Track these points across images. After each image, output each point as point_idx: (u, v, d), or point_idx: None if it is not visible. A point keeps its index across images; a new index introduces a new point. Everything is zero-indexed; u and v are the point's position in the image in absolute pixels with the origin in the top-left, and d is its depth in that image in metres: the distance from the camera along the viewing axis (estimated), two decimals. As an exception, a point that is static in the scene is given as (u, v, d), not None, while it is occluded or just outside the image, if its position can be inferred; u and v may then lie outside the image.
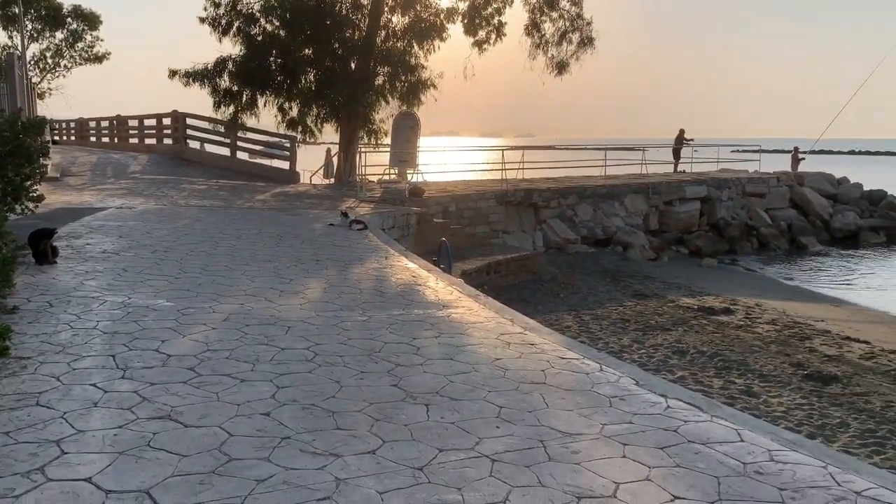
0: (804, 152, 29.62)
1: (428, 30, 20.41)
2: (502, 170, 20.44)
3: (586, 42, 21.22)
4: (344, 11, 20.32)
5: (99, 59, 41.25)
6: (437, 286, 7.41)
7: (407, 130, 21.00)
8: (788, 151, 30.54)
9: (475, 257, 14.14)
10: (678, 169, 27.99)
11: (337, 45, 20.28)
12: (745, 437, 3.74)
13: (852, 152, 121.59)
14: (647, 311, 12.62)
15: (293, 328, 5.58)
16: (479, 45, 21.22)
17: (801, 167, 28.88)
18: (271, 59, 20.28)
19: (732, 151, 36.89)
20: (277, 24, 20.25)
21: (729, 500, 3.06)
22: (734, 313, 12.90)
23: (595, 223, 20.21)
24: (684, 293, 14.64)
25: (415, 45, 20.66)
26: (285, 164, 22.94)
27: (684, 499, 3.07)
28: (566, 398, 4.23)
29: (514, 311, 6.58)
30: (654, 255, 19.61)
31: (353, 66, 20.53)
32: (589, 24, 21.21)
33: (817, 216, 25.01)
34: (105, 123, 33.29)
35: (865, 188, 27.87)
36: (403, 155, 20.76)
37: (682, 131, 28.76)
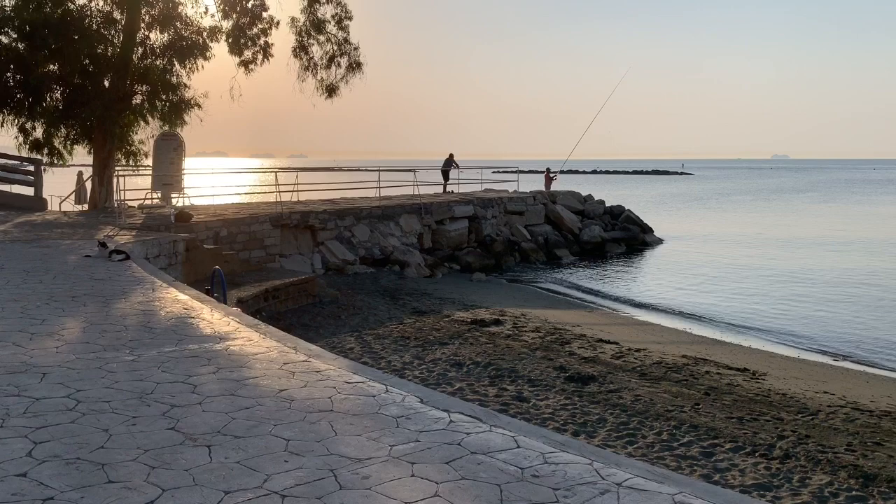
0: (555, 172, 32.51)
1: (190, 48, 19.57)
2: (276, 192, 20.08)
3: (355, 66, 21.61)
4: (94, 26, 18.84)
5: None
6: (213, 317, 7.09)
7: (170, 152, 19.89)
8: (541, 172, 33.32)
9: (251, 283, 13.71)
10: (447, 189, 29.41)
11: (87, 62, 18.73)
12: (521, 444, 4.01)
13: (595, 172, 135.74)
14: (426, 327, 13.04)
15: (49, 374, 5.03)
16: (245, 65, 20.76)
17: (554, 186, 31.64)
18: (8, 74, 18.21)
19: (494, 172, 39.48)
20: (15, 36, 18.26)
21: (511, 506, 3.26)
22: (503, 324, 13.75)
23: (372, 243, 20.53)
24: (458, 307, 15.34)
25: (176, 63, 19.71)
26: (29, 190, 20.62)
27: (471, 510, 3.22)
28: (354, 423, 4.25)
29: (297, 339, 6.48)
30: (430, 272, 20.35)
31: (106, 84, 19.07)
32: (356, 49, 21.63)
33: (569, 230, 27.52)
34: None
35: (607, 204, 31.21)
36: (167, 178, 19.63)
37: (451, 155, 30.30)
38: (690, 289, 19.88)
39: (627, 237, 28.62)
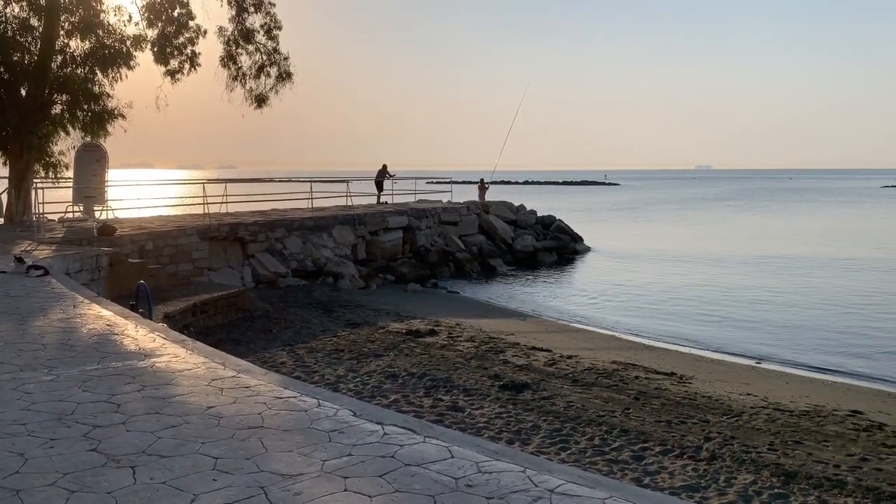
0: (488, 183, 32.84)
1: (113, 57, 19.02)
2: (204, 204, 19.64)
3: (285, 76, 21.39)
4: (10, 32, 18.11)
5: None
6: (138, 334, 6.86)
7: (92, 163, 19.22)
8: (475, 182, 33.61)
9: (178, 298, 13.34)
10: (381, 200, 29.34)
11: (2, 69, 17.98)
12: (455, 453, 4.01)
13: (527, 182, 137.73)
14: (360, 340, 12.94)
15: (-41, 398, 4.77)
16: (171, 74, 20.30)
17: (487, 196, 31.94)
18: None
19: (428, 183, 39.61)
20: (-79, 41, 17.40)
21: (445, 516, 3.26)
22: (438, 334, 13.76)
23: (305, 255, 20.27)
24: (393, 318, 15.28)
25: (98, 72, 19.12)
26: (-62, 204, 19.60)
27: (405, 522, 3.20)
28: (285, 439, 4.17)
29: (226, 354, 6.34)
30: (364, 283, 20.22)
31: (23, 92, 18.34)
32: (286, 58, 21.42)
33: (502, 240, 27.81)
34: None
35: (539, 214, 31.70)
36: (89, 190, 18.94)
37: (384, 166, 30.27)
38: (618, 296, 20.33)
39: (559, 246, 29.10)
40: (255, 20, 20.79)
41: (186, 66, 20.34)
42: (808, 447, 8.02)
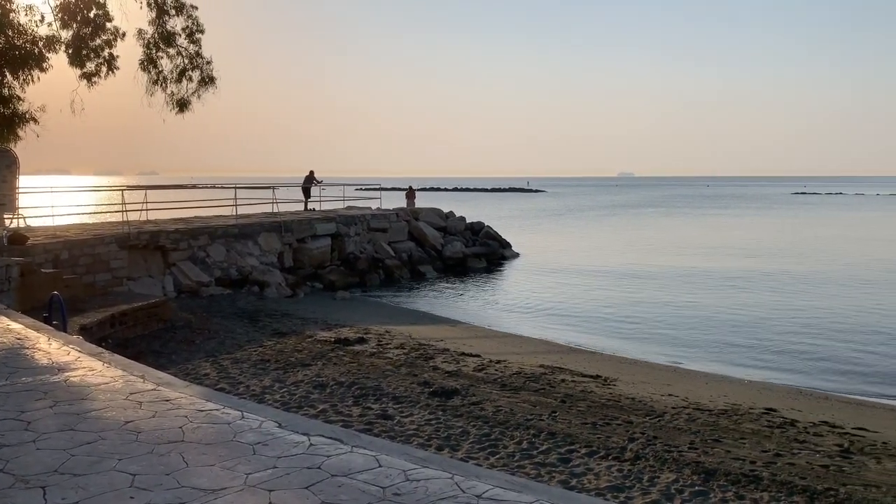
0: (416, 190, 32.94)
1: (24, 58, 18.16)
2: (123, 211, 18.99)
3: (207, 81, 20.84)
4: None
5: None
6: (51, 347, 6.57)
7: (2, 169, 18.34)
8: (404, 189, 33.65)
9: (96, 309, 12.83)
10: (308, 207, 29.00)
11: None
12: (383, 462, 3.99)
13: (456, 189, 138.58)
14: (287, 349, 12.72)
15: None
16: (87, 77, 19.50)
17: (416, 203, 32.00)
18: None
19: (356, 189, 39.45)
20: None
21: (372, 526, 3.22)
22: (367, 342, 13.67)
23: (229, 264, 19.82)
24: (321, 327, 15.10)
25: (7, 73, 18.23)
26: None
27: (331, 534, 3.15)
28: (207, 453, 4.06)
29: (145, 367, 6.13)
30: (291, 291, 19.90)
31: (-76, 93, 17.33)
32: (209, 62, 20.88)
33: (432, 247, 27.88)
34: None
35: (468, 220, 31.94)
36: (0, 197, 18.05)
37: (311, 172, 29.91)
38: (543, 306, 20.64)
39: (487, 252, 29.39)
40: (176, 23, 20.18)
41: (104, 69, 19.58)
42: (726, 445, 8.32)
